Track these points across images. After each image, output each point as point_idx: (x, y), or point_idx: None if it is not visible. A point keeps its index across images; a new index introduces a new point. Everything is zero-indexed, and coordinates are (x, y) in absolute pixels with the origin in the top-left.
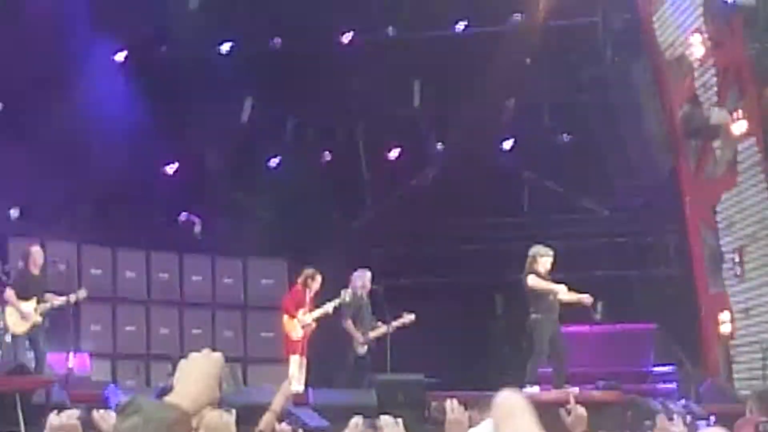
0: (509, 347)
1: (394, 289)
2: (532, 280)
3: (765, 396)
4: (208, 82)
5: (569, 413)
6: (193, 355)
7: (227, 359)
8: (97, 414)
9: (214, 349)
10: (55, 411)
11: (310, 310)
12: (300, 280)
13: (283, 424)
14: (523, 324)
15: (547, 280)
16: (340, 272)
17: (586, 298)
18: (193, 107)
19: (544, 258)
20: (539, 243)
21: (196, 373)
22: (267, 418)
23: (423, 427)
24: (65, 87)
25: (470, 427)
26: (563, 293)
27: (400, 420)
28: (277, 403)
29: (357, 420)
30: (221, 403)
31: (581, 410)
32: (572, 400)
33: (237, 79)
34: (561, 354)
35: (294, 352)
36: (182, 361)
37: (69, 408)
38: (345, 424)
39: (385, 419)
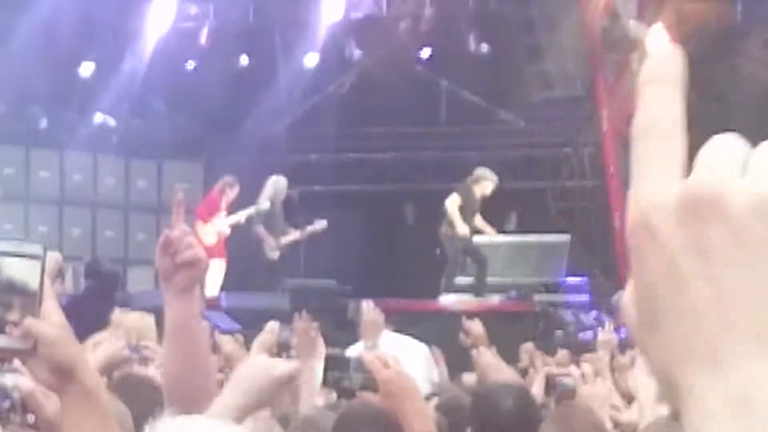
0: (422, 255)
1: (308, 195)
2: (449, 204)
3: None
4: None
5: (467, 333)
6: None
7: (140, 262)
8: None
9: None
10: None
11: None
12: (218, 186)
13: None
14: (435, 233)
15: (478, 204)
16: (256, 177)
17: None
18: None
19: (485, 182)
20: (457, 153)
21: None
22: None
23: (336, 333)
24: None
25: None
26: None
27: (316, 324)
28: None
29: (273, 324)
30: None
31: (479, 328)
32: (469, 324)
33: None
34: (481, 263)
35: (211, 257)
36: None
37: None
38: (257, 328)
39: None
